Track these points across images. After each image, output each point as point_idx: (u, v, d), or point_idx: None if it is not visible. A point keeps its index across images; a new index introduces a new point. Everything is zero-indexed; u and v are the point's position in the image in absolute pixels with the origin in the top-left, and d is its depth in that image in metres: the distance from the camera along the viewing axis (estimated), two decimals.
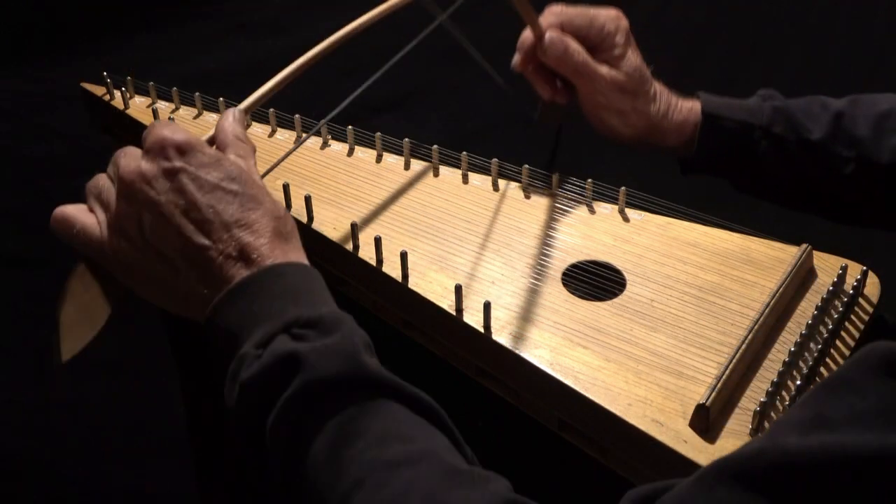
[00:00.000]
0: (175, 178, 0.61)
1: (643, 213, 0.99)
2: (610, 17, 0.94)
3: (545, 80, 0.97)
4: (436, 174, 1.06)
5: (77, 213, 0.67)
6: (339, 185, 1.04)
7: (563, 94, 0.98)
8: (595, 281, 0.91)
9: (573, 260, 0.93)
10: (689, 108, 0.96)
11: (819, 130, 0.91)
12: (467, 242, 0.95)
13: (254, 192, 0.63)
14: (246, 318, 0.59)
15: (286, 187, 0.99)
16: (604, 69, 0.93)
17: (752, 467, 0.46)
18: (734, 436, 0.74)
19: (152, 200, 0.61)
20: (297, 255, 0.64)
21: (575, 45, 0.92)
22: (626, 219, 0.99)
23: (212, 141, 0.69)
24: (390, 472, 0.54)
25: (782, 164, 0.94)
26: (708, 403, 0.74)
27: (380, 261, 0.92)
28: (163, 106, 1.17)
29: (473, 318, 0.86)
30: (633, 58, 0.94)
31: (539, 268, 0.92)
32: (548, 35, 0.92)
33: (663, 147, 0.98)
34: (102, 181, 0.66)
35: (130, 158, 0.64)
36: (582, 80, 0.94)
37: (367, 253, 0.93)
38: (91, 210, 0.67)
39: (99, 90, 1.18)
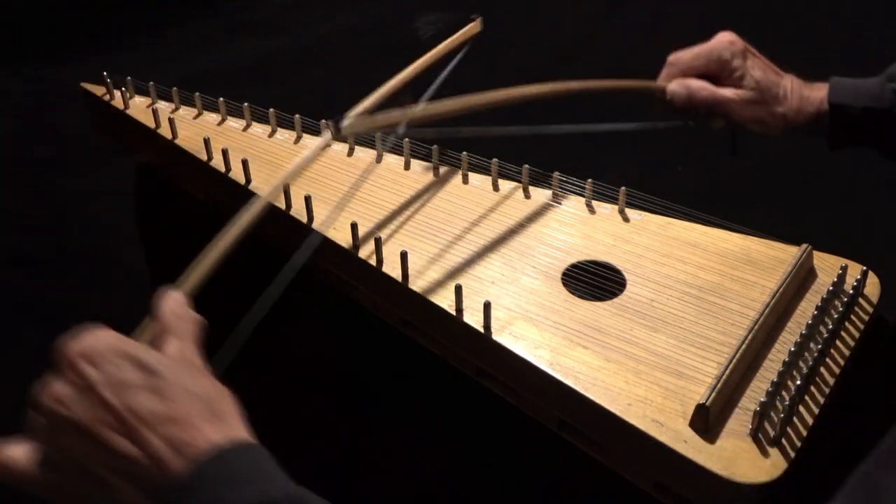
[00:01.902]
0: (89, 393, 0.57)
1: (643, 213, 0.99)
2: (723, 46, 1.01)
3: (690, 117, 1.04)
4: (436, 174, 1.06)
5: (14, 451, 0.61)
6: (339, 185, 1.04)
7: (713, 119, 1.04)
8: (595, 281, 0.91)
9: (573, 260, 0.93)
10: (819, 98, 1.00)
11: None
12: (467, 242, 0.95)
13: (177, 378, 0.58)
14: None
15: (286, 187, 0.99)
16: (729, 93, 1.00)
17: None
18: (734, 436, 0.74)
19: (71, 422, 0.57)
20: (238, 431, 0.59)
21: (696, 85, 1.01)
22: (626, 219, 0.99)
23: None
24: None
25: None
26: (708, 403, 0.74)
27: (380, 261, 0.92)
28: (163, 106, 1.17)
29: (473, 318, 0.86)
30: (755, 72, 1.00)
31: (539, 268, 0.92)
32: (668, 89, 1.02)
33: (808, 134, 1.02)
34: (32, 414, 0.62)
35: (47, 384, 0.60)
36: (714, 109, 1.01)
37: (367, 253, 0.93)
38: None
39: (99, 90, 1.18)
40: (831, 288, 0.87)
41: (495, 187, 1.04)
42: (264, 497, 0.55)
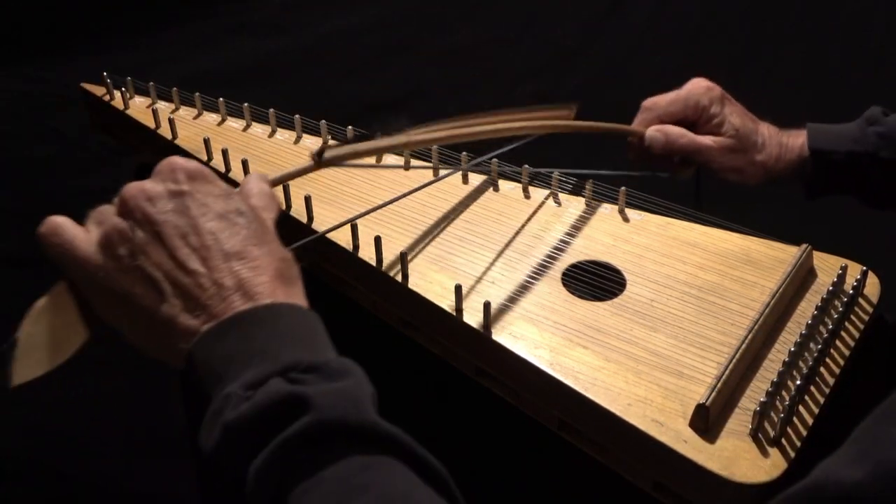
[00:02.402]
0: (179, 200, 0.58)
1: (643, 213, 0.99)
2: (700, 92, 0.99)
3: (664, 164, 1.03)
4: (435, 174, 1.06)
5: (69, 224, 0.62)
6: (339, 185, 1.04)
7: (684, 168, 1.03)
8: (595, 281, 0.91)
9: (573, 260, 0.93)
10: (799, 145, 0.98)
11: None
12: (467, 242, 0.95)
13: (261, 230, 0.59)
14: (235, 355, 0.54)
15: (286, 187, 0.99)
16: (707, 141, 0.98)
17: (803, 499, 0.45)
18: (734, 436, 0.74)
19: (150, 217, 0.57)
20: (300, 300, 0.59)
21: (675, 132, 0.99)
22: (626, 219, 0.99)
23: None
24: None
25: (893, 183, 0.96)
26: (708, 403, 0.74)
27: (380, 261, 0.92)
28: (163, 106, 1.17)
29: (473, 318, 0.86)
30: (734, 119, 0.98)
31: (539, 268, 0.92)
32: (647, 134, 0.99)
33: (787, 183, 1.01)
34: (105, 207, 0.62)
35: (136, 182, 0.60)
36: (693, 157, 0.99)
37: (367, 253, 0.93)
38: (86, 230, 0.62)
39: (99, 90, 1.18)
40: (831, 288, 0.87)
41: (495, 187, 1.04)
42: (313, 357, 0.54)
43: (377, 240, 0.92)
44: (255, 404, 0.51)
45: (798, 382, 0.77)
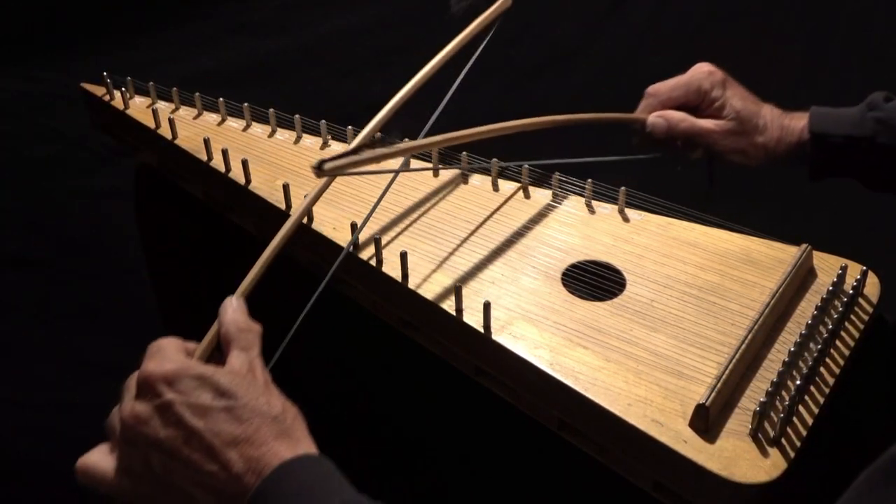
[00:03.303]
0: (168, 412, 0.62)
1: (643, 213, 0.99)
2: (702, 76, 1.01)
3: (668, 149, 1.04)
4: (435, 174, 1.06)
5: (97, 460, 0.67)
6: (339, 185, 1.04)
7: (689, 151, 1.04)
8: (595, 281, 0.91)
9: (573, 260, 0.93)
10: (800, 128, 0.99)
11: None
12: (467, 242, 0.95)
13: (247, 400, 0.63)
14: None
15: (286, 187, 0.99)
16: (709, 124, 1.00)
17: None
18: (734, 436, 0.74)
19: (153, 440, 0.62)
20: (305, 446, 0.64)
21: (676, 116, 1.00)
22: (626, 219, 0.99)
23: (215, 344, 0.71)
24: None
25: (891, 167, 0.97)
26: (708, 403, 0.74)
27: (380, 261, 0.92)
28: (163, 106, 1.17)
29: (473, 318, 0.86)
30: (735, 101, 0.99)
31: (539, 268, 0.92)
32: (649, 121, 1.01)
33: (789, 165, 1.02)
34: (115, 421, 0.67)
35: (126, 401, 0.65)
36: (694, 140, 1.00)
37: (367, 253, 0.93)
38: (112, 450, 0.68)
39: (99, 90, 1.18)
40: (831, 288, 0.87)
41: (495, 187, 1.04)
42: None
43: (377, 240, 0.92)
44: None
45: (798, 382, 0.77)
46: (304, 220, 0.98)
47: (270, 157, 1.08)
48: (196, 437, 0.61)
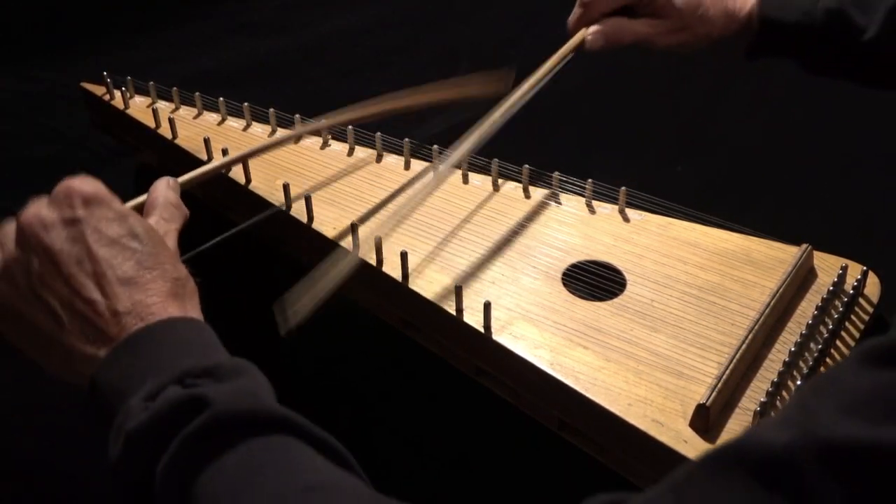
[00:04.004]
0: (73, 228, 0.60)
1: (643, 213, 0.99)
2: None
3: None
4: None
5: None
6: (339, 185, 1.04)
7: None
8: (595, 281, 0.91)
9: (573, 260, 0.93)
10: (746, 12, 0.96)
11: (873, 28, 0.93)
12: (467, 242, 0.95)
13: (155, 251, 0.61)
14: (133, 373, 0.56)
15: (286, 187, 0.99)
16: (648, 28, 0.95)
17: (729, 457, 0.45)
18: (734, 436, 0.74)
19: (45, 246, 0.59)
20: (194, 314, 0.61)
21: (611, 29, 0.95)
22: (626, 219, 0.99)
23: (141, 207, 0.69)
24: (304, 497, 0.51)
25: (838, 57, 0.96)
26: (708, 403, 0.74)
27: (380, 261, 0.92)
28: (163, 106, 1.17)
29: (473, 318, 0.86)
30: None
31: (539, 268, 0.92)
32: (586, 41, 0.97)
33: (730, 48, 0.99)
34: (5, 228, 0.63)
35: (34, 205, 0.62)
36: (638, 45, 0.97)
37: (367, 253, 0.93)
38: None
39: (99, 90, 1.18)
40: (831, 288, 0.87)
41: (495, 187, 1.04)
42: (206, 362, 0.56)
43: (378, 240, 0.92)
44: (155, 411, 0.53)
45: (798, 382, 0.77)
46: (304, 220, 0.98)
47: (271, 157, 1.08)
48: (91, 261, 0.59)
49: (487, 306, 0.84)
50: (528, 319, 0.86)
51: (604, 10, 0.97)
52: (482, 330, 0.84)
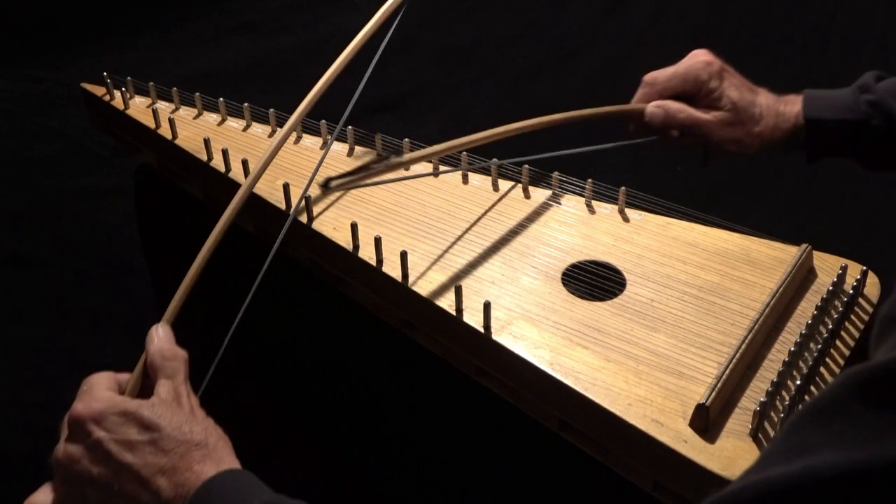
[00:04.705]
0: (98, 450, 0.66)
1: (643, 213, 0.99)
2: (700, 66, 1.00)
3: (665, 139, 1.03)
4: (436, 176, 1.06)
5: (42, 499, 0.70)
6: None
7: (685, 140, 1.03)
8: (595, 281, 0.91)
9: (573, 260, 0.93)
10: (795, 113, 0.99)
11: None
12: (467, 242, 0.95)
13: (170, 429, 0.67)
14: None
15: (286, 187, 0.99)
16: (706, 115, 0.99)
17: (739, 501, 0.46)
18: (734, 436, 0.74)
19: (87, 477, 0.66)
20: (228, 464, 0.67)
21: (673, 107, 1.00)
22: (626, 219, 0.99)
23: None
24: None
25: (886, 147, 0.97)
26: (708, 403, 0.74)
27: (380, 261, 0.92)
28: (163, 106, 1.17)
29: (473, 318, 0.86)
30: (731, 92, 0.99)
31: (539, 268, 0.92)
32: (647, 111, 1.00)
33: (785, 150, 1.02)
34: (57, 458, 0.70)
35: (59, 446, 0.69)
36: (691, 130, 1.00)
37: (367, 253, 0.93)
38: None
39: (99, 90, 1.18)
40: (831, 288, 0.87)
41: (495, 187, 1.04)
42: None
43: (377, 240, 0.92)
44: None
45: (798, 382, 0.77)
46: (304, 220, 0.98)
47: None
48: (126, 470, 0.65)
49: (487, 306, 0.84)
50: (528, 319, 0.86)
51: (663, 90, 1.01)
52: (482, 330, 0.84)
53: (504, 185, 1.04)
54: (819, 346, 0.81)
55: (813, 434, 0.46)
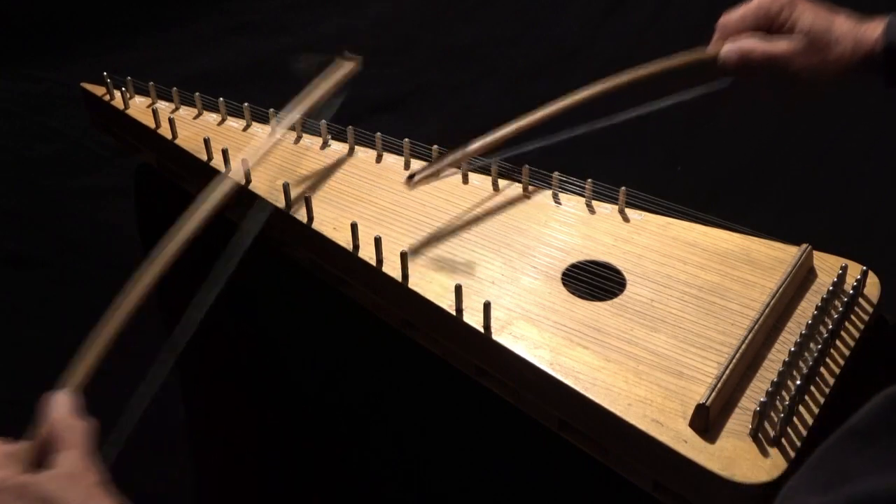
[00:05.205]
0: None
1: (643, 213, 0.99)
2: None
3: (746, 76, 0.99)
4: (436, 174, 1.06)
5: None
6: (339, 185, 1.04)
7: (766, 77, 0.99)
8: (595, 281, 0.91)
9: (573, 260, 0.93)
10: (873, 38, 0.94)
11: None
12: (467, 242, 0.95)
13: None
14: None
15: (286, 187, 0.99)
16: (781, 46, 0.95)
17: None
18: (734, 436, 0.74)
19: None
20: None
21: (747, 45, 0.96)
22: (626, 219, 0.99)
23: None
24: None
25: None
26: (708, 403, 0.74)
27: (380, 261, 0.92)
28: (163, 106, 1.17)
29: (473, 318, 0.86)
30: (806, 18, 0.95)
31: (539, 268, 0.92)
32: (721, 54, 0.97)
33: (863, 75, 0.97)
34: None
35: None
36: (770, 66, 0.96)
37: (367, 253, 0.93)
38: None
39: (99, 90, 1.18)
40: (831, 288, 0.87)
41: (495, 187, 1.04)
42: None
43: (377, 240, 0.92)
44: None
45: (798, 382, 0.77)
46: (304, 220, 0.98)
47: (271, 157, 1.08)
48: None
49: (487, 306, 0.84)
50: (528, 319, 0.86)
51: (735, 30, 0.98)
52: (482, 330, 0.84)
53: (504, 184, 1.04)
54: (819, 346, 0.81)
55: (851, 459, 0.45)
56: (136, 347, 0.74)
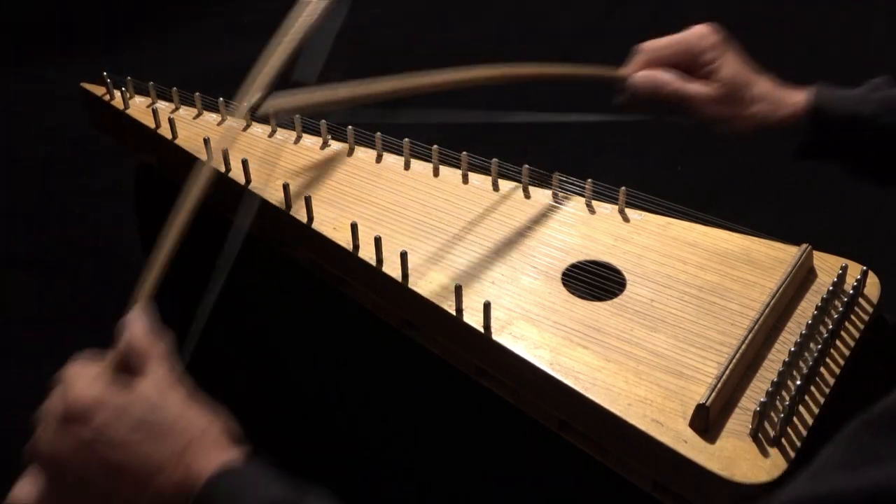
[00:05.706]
0: (91, 448, 0.61)
1: (643, 213, 0.99)
2: (698, 36, 0.95)
3: (653, 110, 0.98)
4: (436, 174, 1.06)
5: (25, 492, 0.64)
6: (339, 185, 1.04)
7: (674, 114, 0.99)
8: (595, 281, 0.91)
9: (573, 260, 0.93)
10: (795, 102, 0.94)
11: None
12: (467, 242, 0.95)
13: (166, 425, 0.62)
14: None
15: (286, 187, 0.99)
16: (695, 88, 0.94)
17: None
18: (734, 436, 0.74)
19: (78, 478, 0.61)
20: (228, 454, 0.62)
21: (663, 78, 0.95)
22: (626, 219, 0.99)
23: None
24: None
25: (884, 150, 0.92)
26: (708, 403, 0.74)
27: (380, 261, 0.92)
28: (163, 106, 1.17)
29: (473, 318, 0.86)
30: (728, 68, 0.94)
31: (539, 268, 0.92)
32: (634, 80, 0.96)
33: (779, 138, 0.96)
34: (35, 453, 0.65)
35: (44, 437, 0.63)
36: (679, 104, 0.95)
37: (367, 253, 0.93)
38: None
39: (99, 90, 1.18)
40: (831, 288, 0.87)
41: (495, 187, 1.04)
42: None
43: (377, 240, 0.92)
44: None
45: (798, 382, 0.77)
46: (304, 220, 0.98)
47: (270, 157, 1.08)
48: (124, 472, 0.60)
49: (487, 306, 0.84)
50: (528, 319, 0.86)
51: (655, 59, 0.96)
52: (482, 330, 0.84)
53: (504, 184, 1.04)
54: (819, 347, 0.81)
55: (878, 443, 0.45)
56: None
